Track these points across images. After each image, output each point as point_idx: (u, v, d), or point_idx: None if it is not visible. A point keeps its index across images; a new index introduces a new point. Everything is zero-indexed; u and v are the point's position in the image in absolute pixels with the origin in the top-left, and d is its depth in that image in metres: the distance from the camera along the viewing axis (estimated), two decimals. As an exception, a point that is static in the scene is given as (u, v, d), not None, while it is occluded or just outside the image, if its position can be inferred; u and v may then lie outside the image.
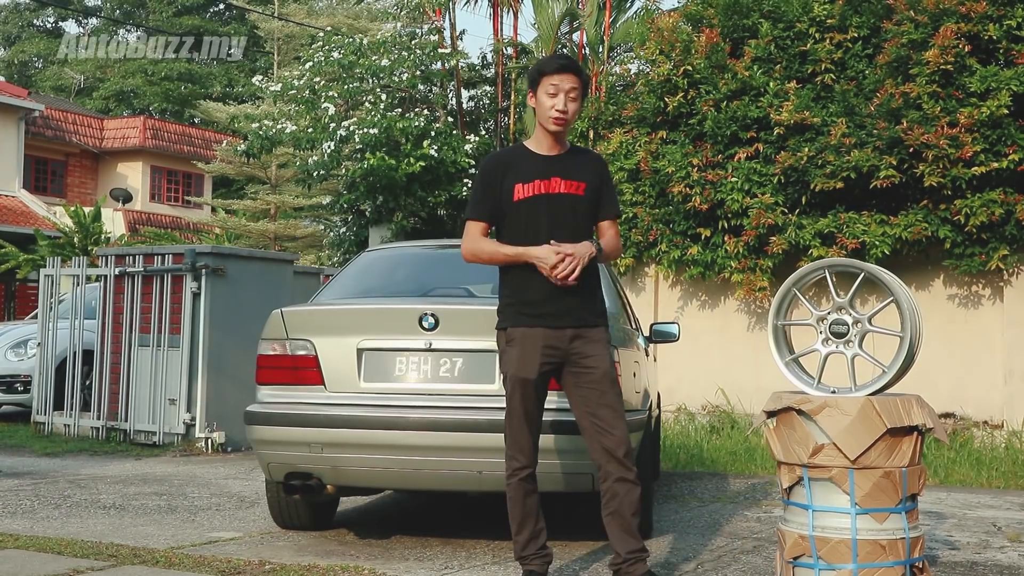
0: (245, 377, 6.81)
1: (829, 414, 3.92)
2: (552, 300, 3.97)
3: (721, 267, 10.11)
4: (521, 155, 4.13)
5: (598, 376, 3.99)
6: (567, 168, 4.09)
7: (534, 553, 4.02)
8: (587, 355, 4.00)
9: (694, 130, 10.42)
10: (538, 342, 3.97)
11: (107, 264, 9.87)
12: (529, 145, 4.15)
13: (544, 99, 4.01)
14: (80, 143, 30.31)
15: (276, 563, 4.57)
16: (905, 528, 3.92)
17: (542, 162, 4.08)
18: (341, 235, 16.48)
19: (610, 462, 3.95)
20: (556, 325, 3.98)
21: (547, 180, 4.04)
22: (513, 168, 4.07)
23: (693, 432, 9.85)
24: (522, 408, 3.99)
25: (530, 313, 3.99)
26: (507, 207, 4.05)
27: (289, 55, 25.24)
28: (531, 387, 3.98)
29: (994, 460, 8.33)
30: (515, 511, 4.03)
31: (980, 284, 9.53)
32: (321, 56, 15.13)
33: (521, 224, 4.04)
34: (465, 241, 4.14)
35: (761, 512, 6.25)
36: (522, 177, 4.05)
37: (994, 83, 8.79)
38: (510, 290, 4.08)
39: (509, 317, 4.06)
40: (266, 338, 5.05)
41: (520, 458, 4.01)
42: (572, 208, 4.06)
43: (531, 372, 3.96)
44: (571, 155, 4.15)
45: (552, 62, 4.07)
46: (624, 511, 3.94)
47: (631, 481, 3.95)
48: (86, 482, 7.12)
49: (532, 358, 3.97)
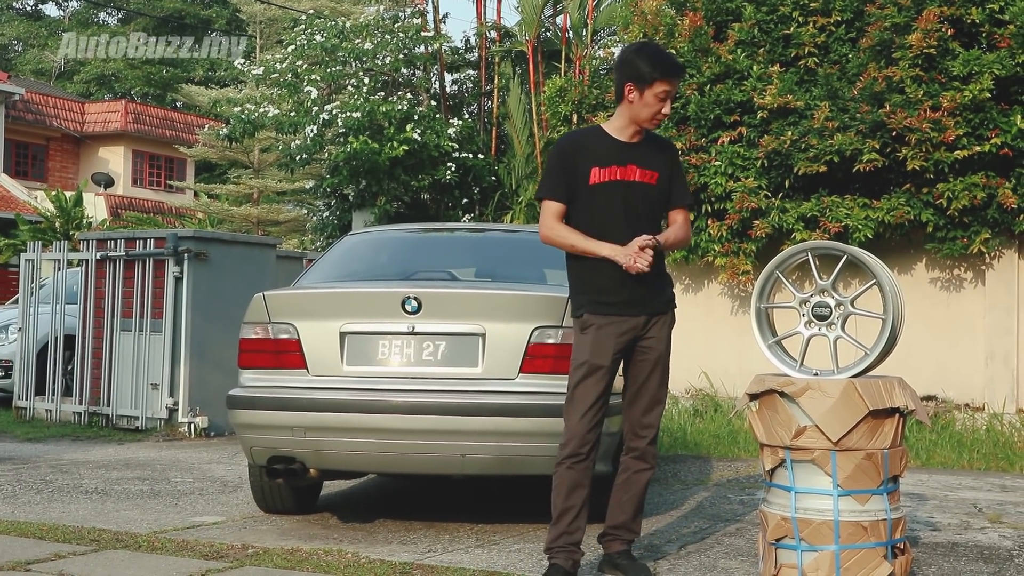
0: (228, 362, 6.79)
1: (812, 396, 3.93)
2: (626, 288, 3.98)
3: (704, 251, 10.11)
4: (598, 138, 4.08)
5: (652, 358, 4.09)
6: (643, 157, 4.06)
7: (561, 547, 3.91)
8: (651, 336, 4.08)
9: (677, 114, 10.41)
10: (613, 331, 3.98)
11: (88, 248, 9.82)
12: (607, 128, 4.10)
13: (652, 101, 3.96)
14: (61, 127, 30.14)
15: (259, 547, 4.56)
16: (887, 509, 3.94)
17: (620, 148, 4.04)
18: (324, 219, 16.43)
19: (635, 439, 4.13)
20: (632, 313, 4.02)
21: (624, 167, 4.02)
22: (589, 151, 4.03)
23: (676, 415, 9.87)
24: (591, 394, 3.95)
25: (606, 301, 3.99)
26: (581, 189, 4.01)
27: (271, 38, 25.13)
28: (603, 374, 3.97)
29: (975, 442, 8.38)
30: (556, 500, 3.94)
31: (962, 268, 9.57)
32: (304, 39, 15.06)
33: (595, 209, 4.01)
34: (543, 223, 4.08)
35: (744, 494, 6.28)
36: (599, 161, 4.01)
37: (977, 67, 8.80)
38: (581, 277, 4.06)
39: (584, 303, 4.04)
40: (248, 322, 5.03)
41: (571, 444, 3.94)
42: (645, 198, 4.06)
43: (604, 359, 3.96)
44: (647, 143, 4.12)
45: (671, 67, 4.01)
46: (630, 487, 4.13)
47: (647, 462, 4.13)
48: (68, 467, 7.09)
49: (607, 346, 3.97)
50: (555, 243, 4.07)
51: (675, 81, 4.00)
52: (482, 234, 6.48)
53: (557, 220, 4.04)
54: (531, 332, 4.75)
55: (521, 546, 4.65)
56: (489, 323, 4.77)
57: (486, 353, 4.77)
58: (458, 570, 4.15)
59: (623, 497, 4.14)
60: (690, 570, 4.25)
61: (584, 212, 4.02)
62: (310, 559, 4.33)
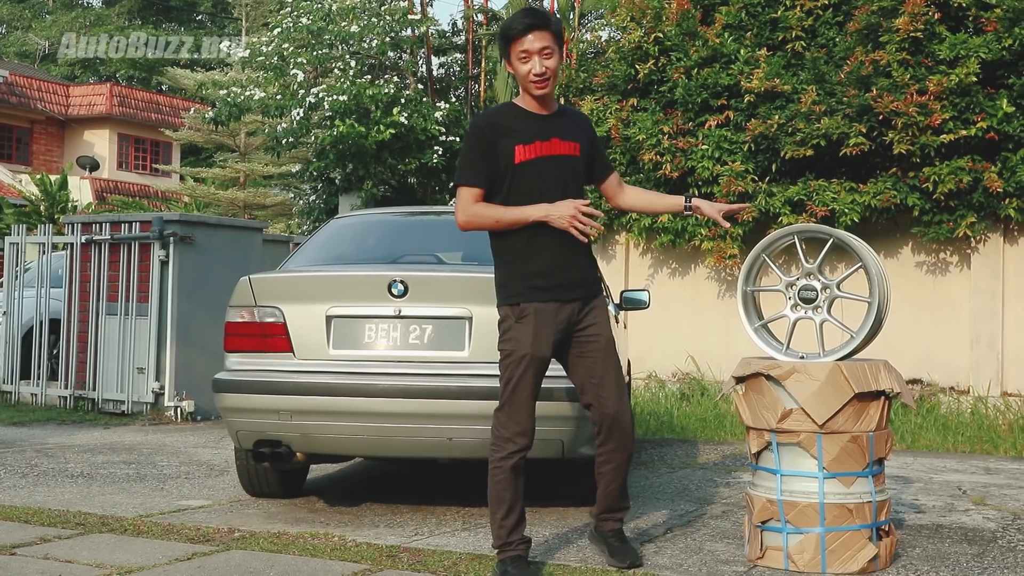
0: (214, 345, 6.77)
1: (798, 379, 3.94)
2: (561, 270, 3.82)
3: (692, 235, 10.11)
4: (515, 114, 3.89)
5: (601, 344, 3.93)
6: (562, 128, 3.91)
7: (520, 539, 3.83)
8: (591, 323, 3.92)
9: (665, 97, 10.39)
10: (552, 318, 3.81)
11: (73, 232, 9.77)
12: (520, 104, 3.91)
13: (519, 66, 3.78)
14: (45, 110, 29.95)
15: (245, 531, 4.56)
16: (872, 492, 3.96)
17: (539, 122, 3.87)
18: (311, 203, 16.38)
19: (611, 429, 3.96)
20: (568, 298, 3.85)
21: (547, 141, 3.84)
22: (509, 129, 3.83)
23: (663, 399, 9.89)
24: (532, 387, 3.81)
25: (542, 286, 3.80)
26: (508, 169, 3.81)
27: (257, 21, 24.99)
28: (543, 364, 3.82)
29: (960, 425, 8.42)
30: (505, 495, 3.79)
31: (948, 251, 9.59)
32: (290, 22, 14.97)
33: (525, 187, 3.81)
34: (459, 208, 3.83)
35: (730, 477, 6.30)
36: (522, 138, 3.81)
37: (963, 51, 8.81)
38: (514, 261, 3.84)
39: (519, 292, 3.81)
40: (234, 305, 5.02)
41: (520, 440, 3.80)
42: (573, 169, 3.92)
43: (544, 349, 3.80)
44: (561, 115, 3.97)
45: (516, 23, 3.78)
46: (616, 477, 4.05)
47: (626, 449, 4.03)
48: (53, 451, 7.07)
49: (547, 335, 3.80)
50: (477, 225, 3.83)
51: (529, 34, 3.74)
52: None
53: (474, 203, 3.82)
54: (518, 315, 4.73)
55: (508, 529, 4.65)
56: (476, 306, 4.76)
57: (472, 336, 4.76)
58: (444, 553, 4.15)
59: (609, 485, 4.07)
60: (676, 552, 4.26)
61: (513, 193, 3.82)
62: (296, 542, 4.33)
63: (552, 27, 3.79)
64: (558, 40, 3.80)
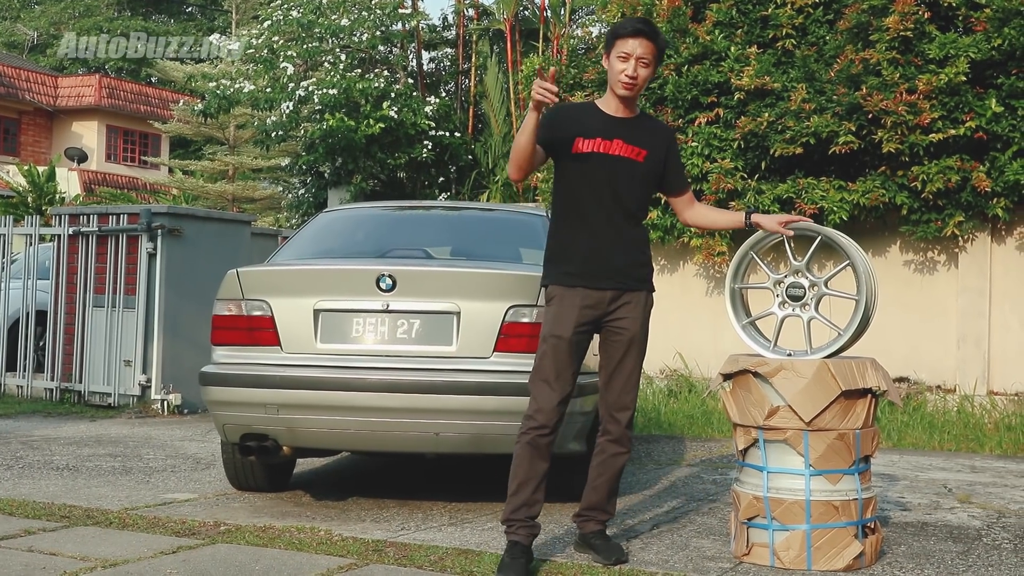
0: (201, 339, 6.74)
1: (785, 376, 3.95)
2: (593, 259, 3.95)
3: (680, 231, 10.12)
4: (588, 111, 4.07)
5: (625, 339, 4.01)
6: (631, 132, 4.03)
7: (522, 521, 3.86)
8: (621, 317, 4.00)
9: (655, 94, 10.40)
10: (576, 302, 3.93)
11: (61, 224, 9.73)
12: (599, 104, 4.08)
13: (616, 63, 3.96)
14: (34, 101, 29.82)
15: (231, 524, 4.55)
16: (858, 489, 3.97)
17: (607, 122, 4.02)
18: (300, 197, 16.35)
19: (611, 422, 4.07)
20: (597, 286, 3.95)
21: (609, 140, 3.99)
22: (578, 121, 4.01)
23: (651, 396, 9.90)
24: (552, 367, 3.90)
25: (569, 272, 3.96)
26: (564, 156, 3.98)
27: (248, 14, 24.92)
28: (564, 346, 3.91)
29: (946, 423, 8.45)
30: (518, 471, 3.89)
31: (936, 250, 9.62)
32: (280, 15, 14.94)
33: (574, 179, 3.99)
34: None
35: (717, 474, 6.30)
36: (585, 132, 3.98)
37: (953, 50, 8.83)
38: (553, 247, 4.05)
39: (550, 275, 4.02)
40: (221, 298, 5.00)
41: (538, 416, 3.89)
42: (630, 173, 4.01)
43: (565, 331, 3.91)
44: (639, 120, 4.10)
45: (627, 25, 3.99)
46: (605, 470, 4.11)
47: (622, 446, 4.09)
48: (39, 443, 7.05)
49: (568, 317, 3.92)
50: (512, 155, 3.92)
51: (634, 39, 3.93)
52: (458, 213, 6.46)
53: None
54: (506, 311, 4.74)
55: (494, 524, 4.65)
56: (464, 301, 4.76)
57: (461, 332, 4.76)
58: (431, 548, 4.15)
59: (598, 480, 4.12)
60: (663, 549, 4.26)
61: (562, 181, 4.02)
62: (282, 536, 4.32)
63: (658, 42, 3.99)
64: (659, 56, 4.00)
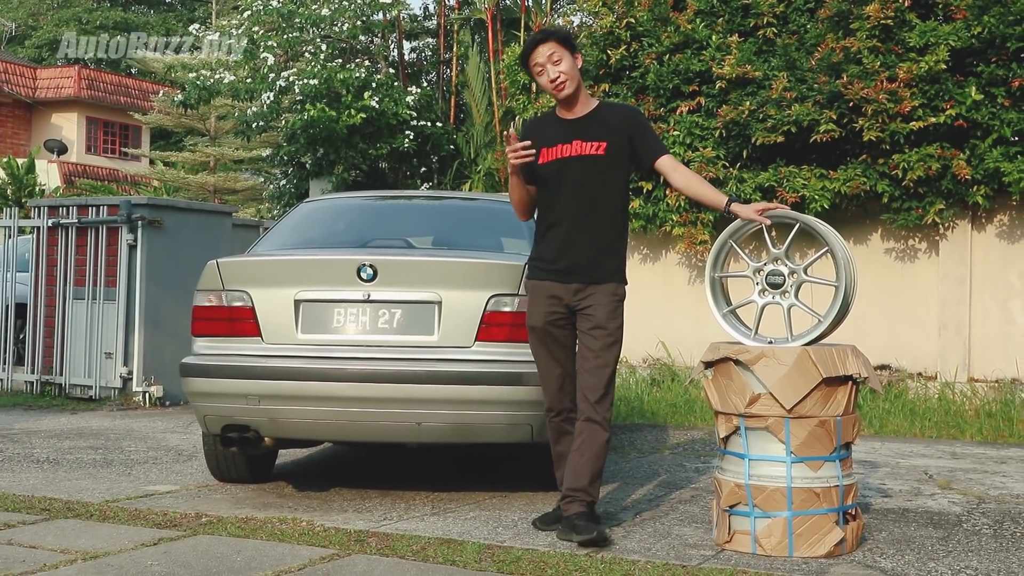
0: (183, 330, 6.73)
1: (766, 364, 3.96)
2: (563, 257, 4.27)
3: (663, 220, 10.13)
4: (549, 121, 4.39)
5: (591, 324, 4.25)
6: (588, 129, 4.27)
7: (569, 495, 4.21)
8: (587, 306, 4.27)
9: (636, 83, 10.39)
10: (543, 293, 4.30)
11: (40, 216, 9.66)
12: (557, 111, 4.38)
13: (539, 80, 4.27)
14: (12, 92, 29.58)
15: (213, 516, 4.53)
16: (839, 476, 3.98)
17: (564, 126, 4.30)
18: (281, 188, 16.28)
19: (583, 402, 4.25)
20: (562, 280, 4.28)
21: (569, 144, 4.26)
22: (541, 134, 4.30)
23: (634, 385, 9.92)
24: (540, 354, 4.35)
25: (541, 267, 4.33)
26: (537, 171, 4.27)
27: (228, 4, 24.78)
28: (539, 335, 4.31)
29: (927, 411, 8.49)
30: (557, 447, 4.45)
31: (916, 238, 9.65)
32: (260, 5, 14.85)
33: (545, 189, 4.29)
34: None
35: (699, 462, 6.32)
36: (547, 141, 4.27)
37: (933, 38, 8.85)
38: (534, 248, 4.44)
39: (528, 271, 4.43)
40: (202, 289, 4.98)
41: (546, 400, 4.40)
42: (594, 169, 4.25)
43: (536, 321, 4.31)
44: (595, 114, 4.33)
45: (526, 45, 4.29)
46: (584, 450, 4.21)
47: (598, 424, 4.22)
48: (19, 436, 7.01)
49: (538, 308, 4.31)
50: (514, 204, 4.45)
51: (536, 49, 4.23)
52: (439, 202, 6.45)
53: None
54: (487, 300, 4.74)
55: (477, 514, 4.65)
56: (445, 291, 4.75)
57: (442, 321, 4.75)
58: (413, 538, 4.15)
59: (579, 460, 4.19)
60: (645, 536, 4.27)
61: (539, 188, 4.33)
62: (264, 527, 4.31)
63: (555, 36, 4.27)
64: (564, 44, 4.25)
